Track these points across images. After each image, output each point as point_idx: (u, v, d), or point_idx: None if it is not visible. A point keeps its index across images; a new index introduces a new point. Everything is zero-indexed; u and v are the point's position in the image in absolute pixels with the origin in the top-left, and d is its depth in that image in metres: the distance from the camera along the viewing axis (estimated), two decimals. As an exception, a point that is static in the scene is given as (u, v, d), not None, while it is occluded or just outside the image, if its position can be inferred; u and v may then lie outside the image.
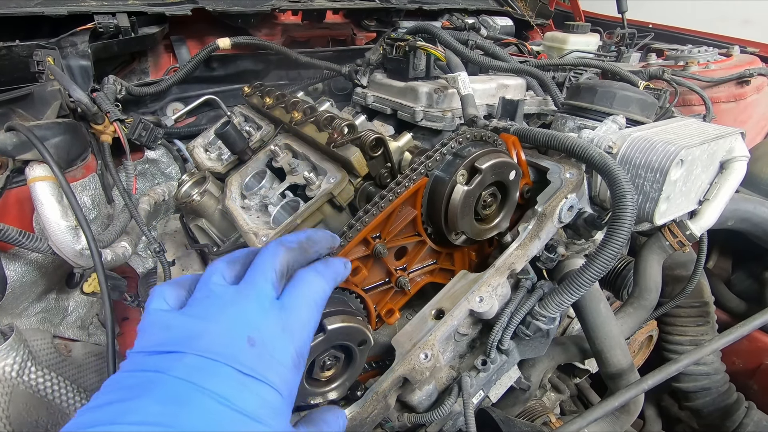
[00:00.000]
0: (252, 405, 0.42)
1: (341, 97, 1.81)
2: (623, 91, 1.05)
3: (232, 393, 0.42)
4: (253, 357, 0.44)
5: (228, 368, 0.43)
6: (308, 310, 0.51)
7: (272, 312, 0.47)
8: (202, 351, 0.43)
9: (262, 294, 0.48)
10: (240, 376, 0.43)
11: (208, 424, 0.40)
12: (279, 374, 0.45)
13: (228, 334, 0.44)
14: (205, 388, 0.41)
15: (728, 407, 1.36)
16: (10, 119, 1.11)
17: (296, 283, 0.52)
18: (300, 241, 0.56)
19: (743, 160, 0.97)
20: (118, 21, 1.41)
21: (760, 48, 2.20)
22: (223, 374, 0.42)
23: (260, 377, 0.44)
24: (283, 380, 0.45)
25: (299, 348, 0.48)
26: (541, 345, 0.92)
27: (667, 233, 1.03)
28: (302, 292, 0.51)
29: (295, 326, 0.49)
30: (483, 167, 0.80)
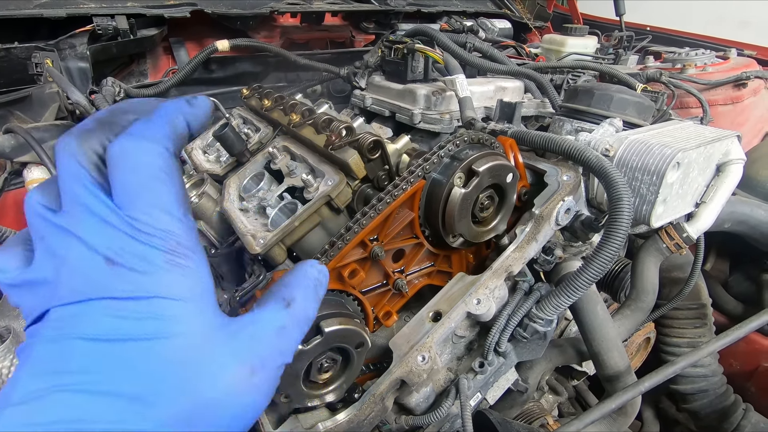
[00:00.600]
0: (139, 328, 0.36)
1: (340, 99, 1.81)
2: (620, 93, 1.05)
3: (111, 325, 0.36)
4: (117, 277, 0.36)
5: (97, 302, 0.36)
6: (148, 191, 0.38)
7: (110, 216, 0.37)
8: (62, 299, 0.37)
9: (87, 202, 0.37)
10: (113, 303, 0.36)
11: (99, 367, 0.35)
12: (155, 281, 0.37)
13: (80, 268, 0.37)
14: (79, 334, 0.35)
15: (726, 409, 1.36)
16: (9, 121, 1.11)
17: (111, 165, 0.38)
18: (98, 117, 0.42)
19: (740, 163, 0.98)
20: (116, 23, 1.41)
21: (757, 51, 2.21)
22: (94, 311, 0.36)
23: (135, 295, 0.37)
24: (165, 283, 0.38)
25: (167, 236, 0.38)
26: (538, 347, 0.92)
27: (663, 236, 1.03)
28: (125, 175, 0.38)
29: (145, 218, 0.38)
30: (480, 170, 0.80)
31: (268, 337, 0.43)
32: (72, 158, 0.38)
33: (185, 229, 0.40)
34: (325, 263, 0.77)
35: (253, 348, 0.41)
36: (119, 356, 0.35)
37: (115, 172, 0.38)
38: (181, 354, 0.37)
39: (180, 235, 0.39)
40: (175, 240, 0.39)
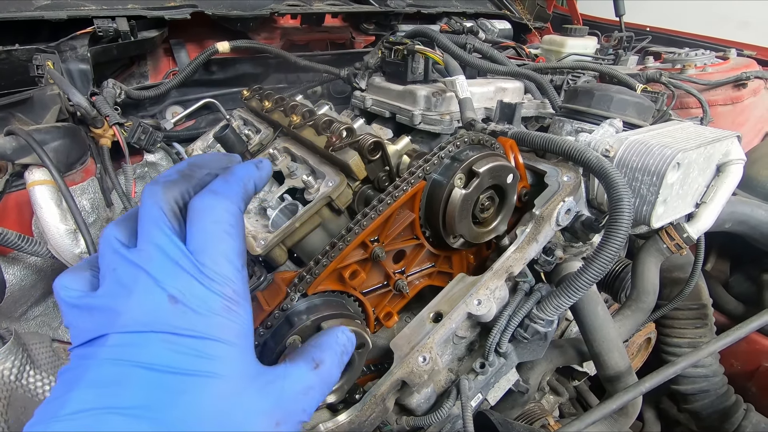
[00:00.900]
0: (191, 364, 0.39)
1: (340, 100, 1.81)
2: (620, 94, 1.05)
3: (167, 358, 0.39)
4: (178, 315, 0.40)
5: (156, 335, 0.39)
6: (220, 241, 0.43)
7: (181, 259, 0.42)
8: (125, 327, 0.40)
9: (162, 244, 0.42)
10: (171, 337, 0.39)
11: (151, 395, 0.38)
12: (212, 323, 0.41)
13: (146, 301, 0.40)
14: (138, 361, 0.38)
15: (727, 409, 1.36)
16: (10, 123, 1.11)
17: (193, 216, 0.44)
18: (180, 170, 0.47)
19: (740, 163, 0.98)
20: (117, 25, 1.41)
21: (757, 51, 2.21)
22: (153, 342, 0.39)
23: (192, 333, 0.40)
24: (219, 326, 0.42)
25: (227, 284, 0.43)
26: (539, 348, 0.92)
27: (664, 236, 1.03)
28: (204, 225, 0.43)
29: (212, 265, 0.42)
30: (480, 171, 0.80)
31: (296, 395, 0.46)
32: (155, 204, 0.43)
33: (242, 279, 0.44)
34: (326, 264, 0.77)
35: (281, 403, 0.44)
36: (171, 388, 0.38)
37: (196, 221, 0.43)
38: (221, 395, 0.40)
39: (237, 284, 0.44)
40: (233, 288, 0.43)
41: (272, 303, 0.76)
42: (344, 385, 0.80)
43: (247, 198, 0.48)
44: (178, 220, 0.44)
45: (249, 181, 0.49)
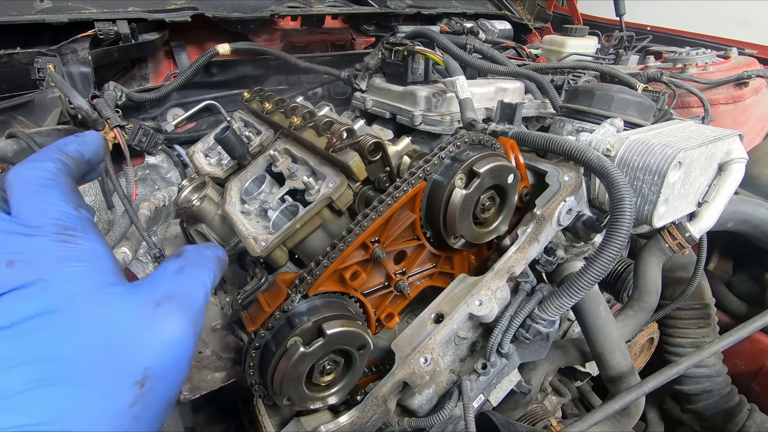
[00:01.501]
0: (33, 309, 0.41)
1: (340, 102, 1.81)
2: (621, 94, 1.05)
3: (10, 312, 0.41)
4: (15, 273, 0.42)
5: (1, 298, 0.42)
6: (35, 195, 0.47)
7: (6, 226, 0.44)
8: None
9: None
10: (11, 294, 0.42)
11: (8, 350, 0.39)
12: (44, 262, 0.43)
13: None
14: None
15: (730, 410, 1.35)
16: (11, 126, 1.12)
17: (7, 187, 0.48)
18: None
19: (741, 162, 0.98)
20: (118, 28, 1.42)
21: (758, 50, 2.21)
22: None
23: (25, 282, 0.42)
24: (53, 261, 0.43)
25: (52, 224, 0.45)
26: (541, 348, 0.92)
27: (666, 235, 1.03)
28: (16, 190, 0.47)
29: (32, 217, 0.45)
30: (481, 171, 0.80)
31: (167, 277, 0.50)
32: None
33: (74, 217, 0.47)
34: (327, 265, 0.77)
35: (152, 288, 0.47)
36: (22, 336, 0.40)
37: (10, 190, 0.47)
38: (76, 315, 0.42)
39: (68, 221, 0.46)
40: (63, 225, 0.46)
41: (273, 304, 0.76)
42: (345, 387, 0.80)
43: (69, 159, 0.52)
44: (5, 201, 0.48)
45: (67, 145, 0.54)
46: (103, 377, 0.41)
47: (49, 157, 0.51)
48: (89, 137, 0.58)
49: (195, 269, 0.53)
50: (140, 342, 0.43)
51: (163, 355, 0.44)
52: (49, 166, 0.50)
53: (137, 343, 0.43)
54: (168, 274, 0.51)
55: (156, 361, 0.44)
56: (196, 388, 0.89)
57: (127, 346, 0.43)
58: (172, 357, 0.45)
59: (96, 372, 0.41)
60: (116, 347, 0.42)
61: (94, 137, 0.58)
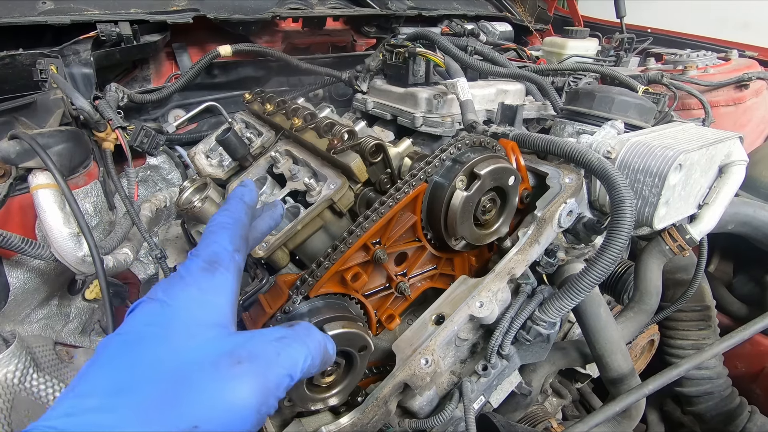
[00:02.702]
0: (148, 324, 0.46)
1: (341, 103, 1.82)
2: (622, 96, 1.05)
3: (136, 324, 0.46)
4: (158, 311, 0.47)
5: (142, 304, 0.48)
6: (210, 234, 0.56)
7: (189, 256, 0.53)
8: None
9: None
10: (148, 304, 0.47)
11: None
12: (187, 283, 0.49)
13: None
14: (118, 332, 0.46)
15: (731, 411, 1.35)
16: (14, 127, 1.12)
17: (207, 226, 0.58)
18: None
19: (742, 164, 0.98)
20: (120, 29, 1.42)
21: (758, 52, 2.21)
22: (135, 312, 0.48)
23: (161, 298, 0.47)
24: (192, 285, 0.49)
25: (208, 253, 0.53)
26: (541, 350, 0.92)
27: (666, 237, 1.03)
28: (206, 229, 0.57)
29: (202, 245, 0.54)
30: (482, 173, 0.80)
31: (264, 339, 0.48)
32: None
33: (228, 254, 0.53)
34: (328, 267, 0.77)
35: (245, 344, 0.46)
36: (132, 347, 0.43)
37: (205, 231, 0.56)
38: (167, 339, 0.44)
39: (221, 256, 0.52)
40: (216, 258, 0.51)
41: (274, 305, 0.76)
42: (346, 388, 0.80)
43: (247, 208, 0.61)
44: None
45: (244, 195, 0.63)
46: (152, 412, 0.39)
47: (232, 209, 0.59)
48: (250, 185, 0.65)
49: (295, 344, 0.50)
50: (201, 393, 0.41)
51: (217, 419, 0.40)
52: (229, 215, 0.58)
53: (197, 394, 0.41)
54: (266, 337, 0.49)
55: (207, 422, 0.40)
56: None
57: (188, 392, 0.41)
58: (227, 424, 0.41)
59: (148, 403, 0.39)
60: (180, 388, 0.40)
61: (253, 196, 0.64)
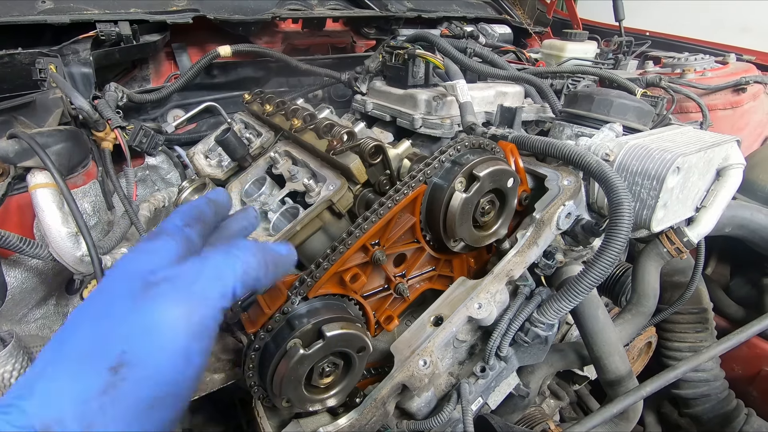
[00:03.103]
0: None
1: (341, 104, 1.82)
2: (620, 99, 1.06)
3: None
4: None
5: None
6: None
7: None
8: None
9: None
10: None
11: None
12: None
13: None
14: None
15: (728, 414, 1.35)
16: (12, 126, 1.12)
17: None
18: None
19: (739, 168, 0.98)
20: (119, 29, 1.42)
21: (756, 56, 2.22)
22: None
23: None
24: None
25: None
26: (539, 351, 0.92)
27: (664, 240, 1.03)
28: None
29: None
30: (481, 175, 0.80)
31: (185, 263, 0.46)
32: None
33: (175, 226, 0.49)
34: (327, 268, 0.77)
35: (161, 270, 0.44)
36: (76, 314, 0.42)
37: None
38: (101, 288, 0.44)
39: (167, 227, 0.49)
40: (160, 230, 0.49)
41: (273, 306, 0.76)
42: (344, 389, 0.80)
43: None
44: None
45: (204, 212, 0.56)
46: (79, 354, 0.38)
47: (197, 201, 0.56)
48: (221, 197, 0.59)
49: (219, 257, 0.46)
50: (121, 323, 0.40)
51: (141, 342, 0.39)
52: (189, 204, 0.55)
53: (118, 324, 0.39)
54: (188, 261, 0.46)
55: (133, 347, 0.38)
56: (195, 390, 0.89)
57: (109, 325, 0.39)
58: (153, 346, 0.39)
59: (75, 347, 0.38)
60: (102, 324, 0.40)
61: (223, 197, 0.60)
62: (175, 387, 0.40)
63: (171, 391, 0.40)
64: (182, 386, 0.41)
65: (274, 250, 0.53)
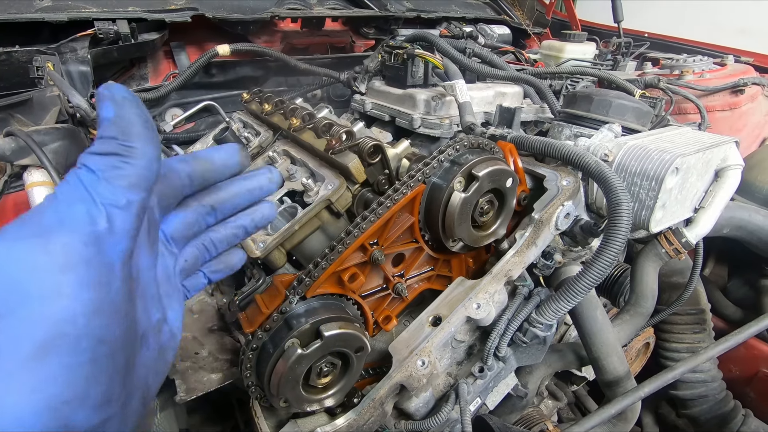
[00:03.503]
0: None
1: (339, 104, 1.82)
2: (619, 99, 1.06)
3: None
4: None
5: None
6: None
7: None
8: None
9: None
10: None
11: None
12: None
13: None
14: None
15: (725, 415, 1.35)
16: (9, 124, 1.11)
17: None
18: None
19: (738, 169, 0.98)
20: (118, 27, 1.41)
21: (754, 57, 2.22)
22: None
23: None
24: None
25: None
26: (538, 352, 0.92)
27: (663, 241, 1.03)
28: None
29: None
30: (480, 174, 0.80)
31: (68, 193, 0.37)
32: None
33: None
34: (325, 267, 0.77)
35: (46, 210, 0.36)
36: None
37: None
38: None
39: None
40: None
41: (271, 306, 0.76)
42: (342, 389, 0.80)
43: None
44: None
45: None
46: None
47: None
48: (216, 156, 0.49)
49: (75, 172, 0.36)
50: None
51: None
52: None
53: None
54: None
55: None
56: (192, 390, 0.88)
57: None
58: (6, 292, 0.32)
59: None
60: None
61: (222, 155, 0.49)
62: (60, 326, 0.33)
63: (58, 332, 0.33)
64: (73, 324, 0.33)
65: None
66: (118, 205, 0.36)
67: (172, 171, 0.46)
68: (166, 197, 0.46)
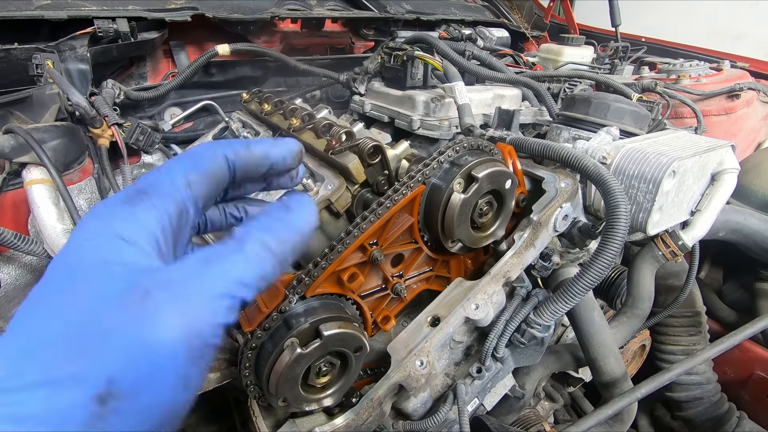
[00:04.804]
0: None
1: (339, 105, 1.82)
2: (617, 103, 1.07)
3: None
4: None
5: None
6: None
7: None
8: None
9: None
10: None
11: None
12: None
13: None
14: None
15: (720, 417, 1.36)
16: (8, 122, 1.11)
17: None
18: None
19: (734, 172, 0.99)
20: (117, 26, 1.41)
21: (749, 63, 2.24)
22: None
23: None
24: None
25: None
26: (535, 353, 0.92)
27: (659, 243, 1.04)
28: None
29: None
30: (480, 176, 0.81)
31: (183, 264, 0.37)
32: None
33: (170, 183, 0.41)
34: (325, 267, 0.77)
35: (155, 273, 0.35)
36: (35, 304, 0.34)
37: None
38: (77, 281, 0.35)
39: (158, 185, 0.40)
40: (147, 188, 0.40)
41: (270, 305, 0.75)
42: (341, 389, 0.80)
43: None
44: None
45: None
46: (51, 367, 0.30)
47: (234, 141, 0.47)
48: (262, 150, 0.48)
49: (227, 255, 0.37)
50: (108, 340, 0.31)
51: (136, 368, 0.31)
52: (211, 144, 0.46)
53: (104, 341, 0.31)
54: (186, 260, 0.37)
55: (126, 373, 0.31)
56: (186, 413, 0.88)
57: (94, 341, 0.31)
58: (150, 374, 0.32)
59: (56, 363, 0.30)
60: (85, 340, 0.31)
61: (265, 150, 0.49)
62: (169, 416, 0.34)
63: (165, 421, 0.34)
64: (176, 414, 0.35)
65: (295, 230, 0.43)
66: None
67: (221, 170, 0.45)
68: (210, 199, 0.46)
